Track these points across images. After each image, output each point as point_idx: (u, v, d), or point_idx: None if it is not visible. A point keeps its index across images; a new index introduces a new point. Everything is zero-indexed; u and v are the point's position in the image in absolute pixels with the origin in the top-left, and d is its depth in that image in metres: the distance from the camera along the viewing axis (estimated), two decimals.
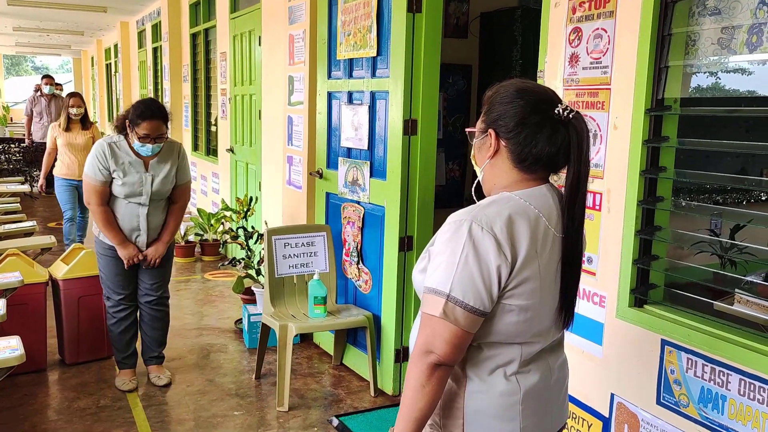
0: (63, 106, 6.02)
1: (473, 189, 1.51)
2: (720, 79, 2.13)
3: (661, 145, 2.14)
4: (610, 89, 2.25)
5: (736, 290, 2.44)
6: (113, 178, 3.39)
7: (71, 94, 6.10)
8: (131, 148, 3.43)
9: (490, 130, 1.42)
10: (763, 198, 5.28)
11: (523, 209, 1.37)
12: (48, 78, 9.59)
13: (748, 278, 2.67)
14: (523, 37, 4.61)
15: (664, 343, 2.09)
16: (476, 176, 1.50)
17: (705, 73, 2.08)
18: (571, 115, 1.37)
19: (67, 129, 5.93)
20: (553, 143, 1.37)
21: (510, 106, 1.39)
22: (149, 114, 3.34)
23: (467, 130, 1.53)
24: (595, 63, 2.29)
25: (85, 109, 6.10)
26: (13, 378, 3.62)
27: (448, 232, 1.36)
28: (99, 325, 3.96)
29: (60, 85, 15.77)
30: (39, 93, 9.44)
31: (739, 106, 2.22)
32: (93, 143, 5.70)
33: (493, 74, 4.79)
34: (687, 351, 2.02)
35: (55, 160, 6.01)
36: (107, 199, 3.43)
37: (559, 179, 1.46)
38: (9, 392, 3.53)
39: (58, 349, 4.04)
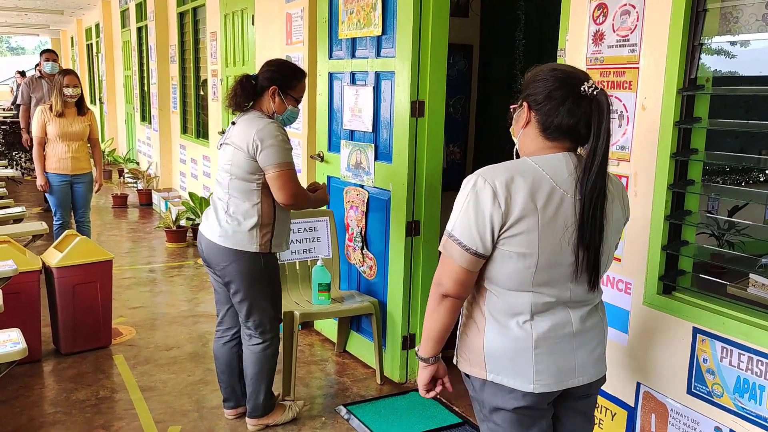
0: (54, 85, 5.02)
1: (514, 155, 1.70)
2: (762, 56, 2.05)
3: (694, 126, 2.07)
4: (638, 68, 2.16)
5: (751, 274, 2.39)
6: None
7: (64, 72, 5.05)
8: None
9: (524, 103, 1.64)
10: (762, 179, 5.29)
11: (530, 169, 1.56)
12: (49, 53, 7.50)
13: (764, 260, 2.63)
14: (526, 16, 4.50)
15: (696, 331, 2.03)
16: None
17: (749, 50, 2.00)
18: (595, 92, 1.54)
19: (60, 114, 4.98)
20: (573, 115, 1.55)
21: (541, 83, 1.60)
22: (302, 71, 2.84)
23: (511, 106, 1.72)
24: (622, 41, 2.20)
25: (82, 91, 5.14)
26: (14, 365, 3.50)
27: (463, 185, 1.60)
28: (95, 314, 3.84)
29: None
30: (39, 74, 7.51)
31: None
32: (90, 132, 5.18)
33: (494, 54, 4.68)
34: (721, 339, 1.96)
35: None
36: None
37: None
38: (4, 384, 3.40)
39: (53, 339, 3.92)
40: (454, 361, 1.76)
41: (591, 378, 1.69)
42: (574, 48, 2.40)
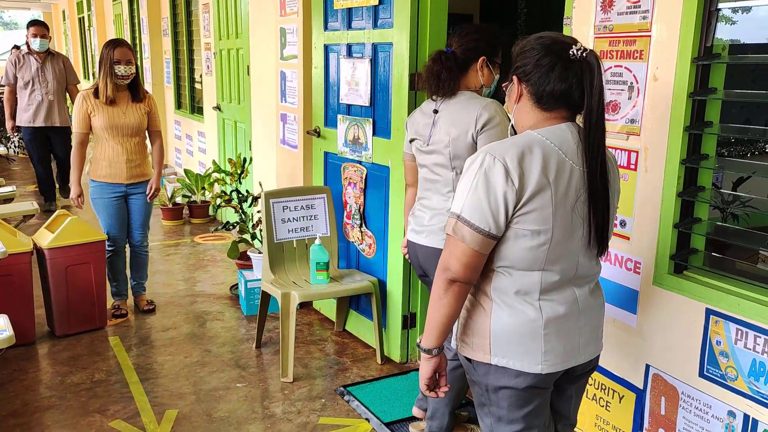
0: (104, 60, 3.68)
1: (509, 132, 1.67)
2: None
3: (708, 97, 1.96)
4: (649, 36, 2.05)
5: (761, 249, 2.31)
6: None
7: (114, 44, 3.71)
8: None
9: (514, 77, 1.61)
10: (767, 150, 5.19)
11: (538, 143, 1.51)
12: (37, 26, 6.34)
13: None
14: None
15: (709, 312, 1.95)
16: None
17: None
18: (585, 54, 1.50)
19: (111, 102, 3.72)
20: (564, 80, 1.51)
21: (528, 53, 1.56)
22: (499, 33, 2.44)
23: (503, 84, 1.68)
24: (633, 7, 2.09)
25: (137, 68, 3.84)
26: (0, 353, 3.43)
27: (467, 164, 1.54)
28: (89, 295, 3.76)
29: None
30: (27, 50, 6.41)
31: None
32: (149, 123, 3.91)
33: (496, 24, 4.55)
34: (736, 321, 1.88)
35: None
36: None
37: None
38: None
39: (47, 321, 3.85)
40: (453, 345, 1.73)
41: (592, 355, 1.70)
42: (582, 16, 2.28)
